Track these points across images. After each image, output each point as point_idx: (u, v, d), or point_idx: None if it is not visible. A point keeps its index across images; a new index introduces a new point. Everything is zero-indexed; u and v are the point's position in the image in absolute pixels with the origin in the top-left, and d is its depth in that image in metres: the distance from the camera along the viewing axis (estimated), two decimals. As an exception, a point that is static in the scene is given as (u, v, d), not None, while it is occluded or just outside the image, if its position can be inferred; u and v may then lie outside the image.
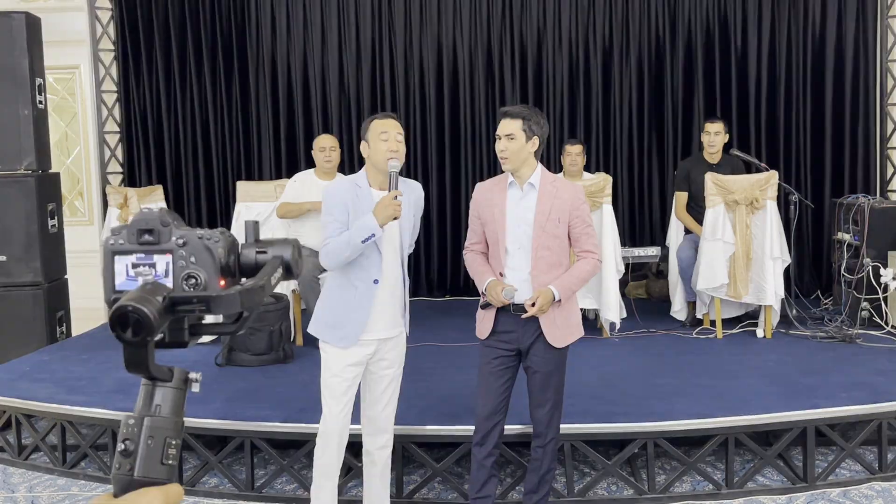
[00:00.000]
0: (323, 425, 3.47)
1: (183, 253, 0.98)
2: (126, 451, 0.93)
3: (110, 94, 8.03)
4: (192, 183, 8.21)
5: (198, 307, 0.96)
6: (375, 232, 3.26)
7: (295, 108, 8.13)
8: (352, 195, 3.37)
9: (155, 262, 0.98)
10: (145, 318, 0.88)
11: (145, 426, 0.95)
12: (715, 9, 7.96)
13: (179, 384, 0.99)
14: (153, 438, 0.94)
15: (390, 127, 3.39)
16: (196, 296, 0.96)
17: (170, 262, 0.98)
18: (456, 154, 8.16)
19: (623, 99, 8.10)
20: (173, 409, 0.97)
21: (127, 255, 0.99)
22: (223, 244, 0.99)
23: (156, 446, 0.94)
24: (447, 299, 8.04)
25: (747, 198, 5.85)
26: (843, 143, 7.89)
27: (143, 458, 0.93)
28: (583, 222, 3.52)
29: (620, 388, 4.80)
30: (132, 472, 0.93)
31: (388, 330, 3.46)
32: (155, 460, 0.94)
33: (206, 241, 0.99)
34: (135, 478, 0.93)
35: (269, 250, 1.03)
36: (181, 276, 0.97)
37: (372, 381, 3.51)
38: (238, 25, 8.11)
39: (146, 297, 0.90)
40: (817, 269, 7.94)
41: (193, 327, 1.00)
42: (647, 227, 8.20)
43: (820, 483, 4.26)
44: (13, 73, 6.18)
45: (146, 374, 0.96)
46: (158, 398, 0.97)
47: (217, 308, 0.96)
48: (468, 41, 8.06)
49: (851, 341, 5.74)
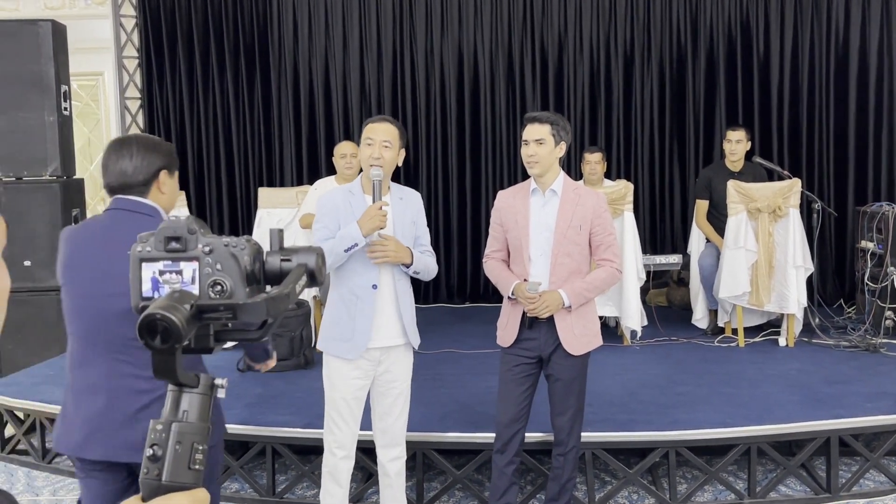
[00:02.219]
0: (327, 435, 3.47)
1: (209, 260, 0.99)
2: (154, 457, 0.95)
3: (134, 100, 8.10)
4: (215, 189, 8.27)
5: (224, 315, 0.97)
6: (359, 241, 3.22)
7: (316, 114, 8.17)
8: (344, 202, 3.34)
9: (181, 270, 0.99)
10: (173, 325, 0.90)
11: (173, 431, 0.96)
12: (737, 14, 7.93)
13: (206, 390, 1.00)
14: (181, 444, 0.95)
15: (376, 132, 3.31)
16: (223, 303, 0.97)
17: (196, 270, 0.99)
18: (476, 160, 8.17)
19: (644, 105, 8.08)
20: (200, 414, 0.99)
21: (154, 263, 1.00)
22: (249, 252, 1.00)
23: (183, 451, 0.95)
24: (467, 306, 8.04)
25: (770, 206, 5.81)
26: (867, 151, 7.83)
27: (170, 463, 0.94)
28: (604, 230, 3.51)
29: (641, 397, 4.78)
30: (160, 476, 0.94)
31: (393, 338, 3.40)
32: (182, 465, 0.95)
33: (231, 248, 0.99)
34: (163, 482, 0.94)
35: (294, 258, 1.05)
36: (207, 283, 0.98)
37: (380, 393, 3.47)
38: (260, 32, 8.16)
39: (174, 304, 0.92)
40: (840, 277, 7.88)
41: (219, 334, 1.02)
42: (668, 234, 8.17)
43: (843, 494, 4.22)
44: (39, 80, 6.25)
45: (174, 380, 0.97)
46: (185, 404, 0.98)
47: (243, 315, 0.98)
48: (489, 47, 8.07)
49: (875, 350, 5.68)
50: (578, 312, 3.49)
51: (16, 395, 4.96)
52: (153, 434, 0.96)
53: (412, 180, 7.98)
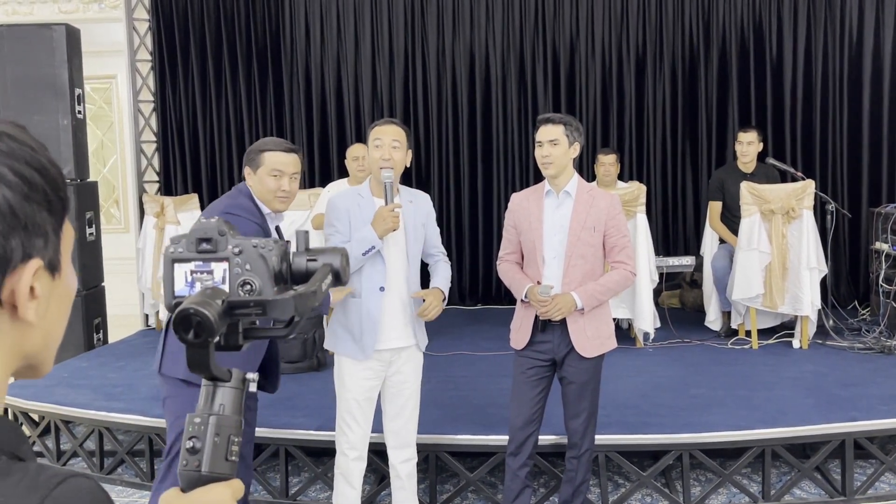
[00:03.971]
0: (339, 437, 3.47)
1: (239, 261, 1.02)
2: (193, 449, 0.98)
3: (147, 103, 8.13)
4: (227, 191, 8.27)
5: (254, 311, 1.00)
6: (375, 244, 3.26)
7: (328, 116, 8.19)
8: (354, 205, 3.36)
9: (212, 270, 1.03)
10: (206, 319, 0.93)
11: (211, 424, 0.99)
12: (750, 16, 7.90)
13: (238, 384, 1.03)
14: (219, 436, 0.99)
15: (385, 133, 3.34)
16: (253, 300, 1.00)
17: (226, 270, 1.03)
18: (488, 162, 8.16)
19: (657, 107, 8.06)
20: (234, 408, 1.02)
21: (186, 263, 1.04)
22: (276, 252, 1.03)
23: (221, 443, 0.99)
24: (479, 308, 8.03)
25: (783, 207, 5.79)
26: (881, 152, 7.78)
27: (209, 454, 0.98)
28: (618, 232, 3.50)
29: (655, 399, 4.76)
30: (199, 468, 0.97)
31: (402, 339, 3.43)
32: (220, 457, 0.98)
33: (260, 249, 1.03)
34: (203, 474, 0.97)
35: (319, 258, 1.08)
36: (237, 282, 1.02)
37: (391, 395, 3.49)
38: (273, 36, 8.18)
39: (207, 300, 0.95)
40: (854, 279, 7.83)
41: (247, 331, 1.04)
42: (681, 236, 8.14)
43: (859, 497, 4.20)
44: (53, 84, 6.29)
45: (208, 374, 1.01)
46: (221, 398, 1.02)
47: (272, 312, 1.00)
48: (500, 50, 8.06)
49: (890, 352, 5.65)
50: (591, 315, 3.48)
51: (31, 397, 4.98)
52: (191, 427, 0.99)
53: (424, 183, 7.98)
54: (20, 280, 0.80)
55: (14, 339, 0.81)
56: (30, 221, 0.80)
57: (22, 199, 0.79)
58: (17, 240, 0.78)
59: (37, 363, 0.87)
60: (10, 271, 0.79)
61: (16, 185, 0.79)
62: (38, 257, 0.81)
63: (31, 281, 0.80)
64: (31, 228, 0.80)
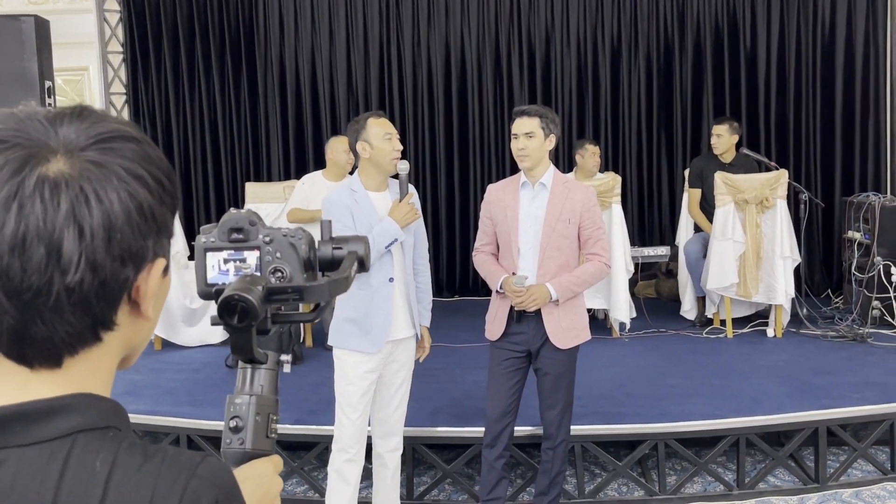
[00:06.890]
0: (338, 431, 3.46)
1: (269, 249, 1.06)
2: (237, 428, 1.03)
3: (119, 95, 8.05)
4: (201, 184, 8.22)
5: (292, 296, 1.04)
6: (398, 236, 3.32)
7: (303, 108, 8.14)
8: (351, 200, 3.38)
9: (245, 258, 1.06)
10: (250, 304, 0.96)
11: (252, 404, 1.04)
12: (724, 8, 7.93)
13: (273, 366, 1.08)
14: (260, 415, 1.04)
15: (391, 127, 3.43)
16: (290, 286, 1.04)
17: (258, 258, 1.06)
18: (464, 154, 8.15)
19: (632, 98, 8.08)
20: (271, 388, 1.07)
21: (218, 252, 1.07)
22: (305, 241, 1.07)
23: (262, 422, 1.04)
24: (456, 300, 8.03)
25: (757, 197, 5.83)
26: (854, 142, 7.85)
27: (252, 432, 1.03)
28: (593, 224, 3.51)
29: (630, 389, 4.79)
30: (243, 445, 1.03)
31: (405, 330, 3.48)
32: (262, 434, 1.04)
33: (290, 238, 1.07)
34: (247, 450, 1.03)
35: (344, 247, 1.14)
36: (268, 269, 1.05)
37: (383, 383, 3.50)
38: (246, 26, 8.11)
39: (248, 286, 0.98)
40: (828, 267, 7.90)
41: (274, 316, 1.07)
42: (656, 226, 8.17)
43: (832, 484, 4.25)
44: (23, 76, 6.19)
45: (250, 357, 1.05)
46: (260, 379, 1.07)
47: (309, 297, 1.05)
48: (476, 41, 8.04)
49: (863, 340, 5.71)
50: (566, 306, 3.48)
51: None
52: (232, 407, 1.05)
53: (400, 174, 7.95)
54: (148, 279, 0.84)
55: (128, 332, 0.85)
56: (161, 223, 0.85)
57: (158, 202, 0.84)
58: (151, 240, 0.83)
59: (132, 355, 0.91)
60: (142, 271, 0.83)
61: (154, 189, 0.83)
62: (163, 257, 0.86)
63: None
64: (162, 230, 0.85)
